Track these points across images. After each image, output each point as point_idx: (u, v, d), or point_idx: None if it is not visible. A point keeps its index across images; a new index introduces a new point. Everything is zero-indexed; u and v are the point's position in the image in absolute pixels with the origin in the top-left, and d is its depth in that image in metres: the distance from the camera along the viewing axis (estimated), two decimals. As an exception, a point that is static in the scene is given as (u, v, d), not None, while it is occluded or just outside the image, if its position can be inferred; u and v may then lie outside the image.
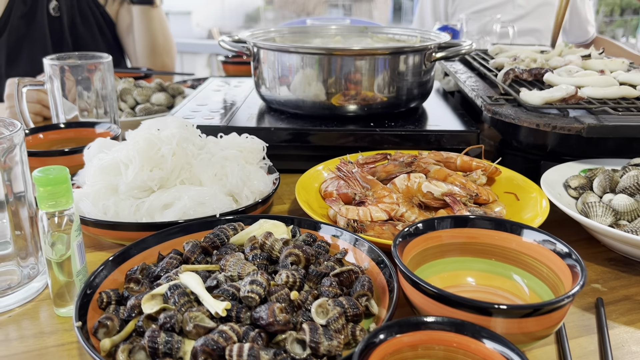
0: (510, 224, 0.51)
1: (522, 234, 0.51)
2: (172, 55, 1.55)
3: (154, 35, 1.48)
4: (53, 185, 0.48)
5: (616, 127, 0.70)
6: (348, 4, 19.48)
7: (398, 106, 0.89)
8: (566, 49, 1.13)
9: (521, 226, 0.51)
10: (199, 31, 19.02)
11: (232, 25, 19.75)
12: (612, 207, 0.62)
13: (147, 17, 1.46)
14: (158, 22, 1.48)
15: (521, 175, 0.73)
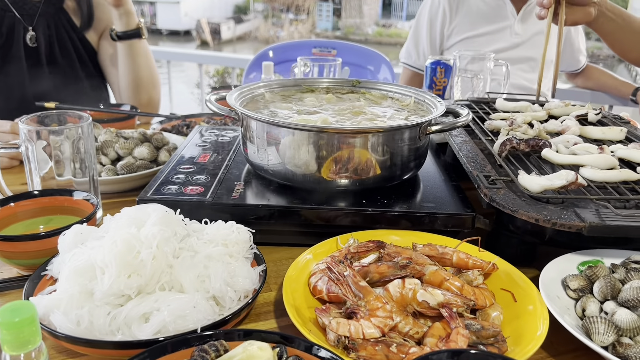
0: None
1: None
2: (157, 88, 1.50)
3: (140, 70, 1.42)
4: (19, 329, 0.44)
5: (619, 227, 0.67)
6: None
7: (392, 179, 0.86)
8: (567, 108, 1.11)
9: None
10: (187, 21, 19.10)
11: (221, 15, 19.82)
12: (614, 322, 0.60)
13: (133, 51, 1.40)
14: (144, 57, 1.43)
15: (519, 272, 0.70)
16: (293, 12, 23.85)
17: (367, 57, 2.09)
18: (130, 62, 1.41)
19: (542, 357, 0.62)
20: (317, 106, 0.94)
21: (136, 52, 1.41)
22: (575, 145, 0.88)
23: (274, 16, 24.35)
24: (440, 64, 1.57)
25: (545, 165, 0.85)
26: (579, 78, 2.26)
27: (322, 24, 23.17)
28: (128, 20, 1.39)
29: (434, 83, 1.60)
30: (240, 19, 23.40)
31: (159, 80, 1.50)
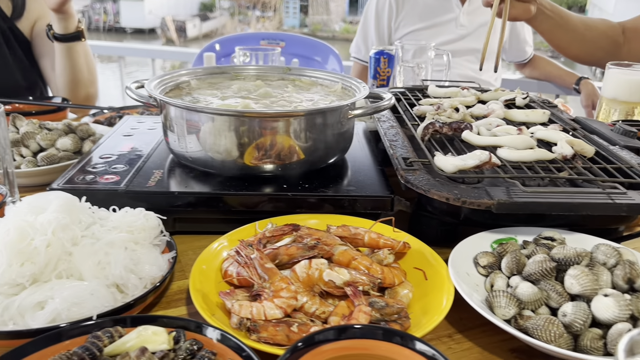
0: (399, 335, 0.48)
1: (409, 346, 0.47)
2: (95, 84, 1.46)
3: (79, 69, 1.39)
4: None
5: (525, 203, 0.68)
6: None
7: (316, 164, 0.85)
8: (496, 93, 1.13)
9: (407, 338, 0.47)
10: (152, 19, 18.68)
11: (186, 13, 19.49)
12: (516, 296, 0.61)
13: (72, 53, 1.37)
14: (83, 57, 1.39)
15: (431, 250, 0.71)
16: (259, 9, 23.70)
17: (315, 48, 2.09)
18: (69, 62, 1.37)
19: (451, 333, 0.63)
20: (243, 92, 0.93)
21: (75, 54, 1.38)
22: (497, 128, 0.90)
23: (241, 13, 24.15)
24: (384, 54, 1.58)
25: (467, 147, 0.86)
26: (527, 68, 2.30)
27: (289, 21, 23.09)
28: (67, 24, 1.35)
29: (378, 73, 1.60)
30: (206, 17, 23.13)
31: (97, 77, 1.47)
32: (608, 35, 1.32)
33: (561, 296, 0.60)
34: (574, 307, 0.58)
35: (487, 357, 0.59)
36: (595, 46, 1.34)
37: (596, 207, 0.69)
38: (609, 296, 0.57)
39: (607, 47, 1.34)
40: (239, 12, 23.99)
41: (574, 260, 0.63)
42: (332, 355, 0.47)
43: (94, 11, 21.40)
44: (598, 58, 1.38)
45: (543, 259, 0.63)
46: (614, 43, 1.34)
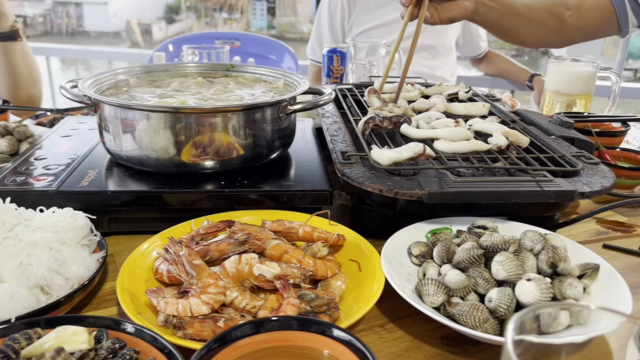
0: (317, 324, 0.48)
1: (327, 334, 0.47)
2: (38, 85, 1.43)
3: (17, 70, 1.35)
4: None
5: (456, 193, 0.69)
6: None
7: (256, 160, 0.85)
8: (440, 87, 1.14)
9: (324, 326, 0.47)
10: (116, 22, 18.13)
11: (152, 16, 19.02)
12: (444, 283, 0.62)
13: (9, 53, 1.33)
14: (21, 57, 1.36)
15: (366, 242, 0.72)
16: (226, 11, 23.52)
17: (270, 47, 2.09)
18: (5, 62, 1.34)
19: (383, 323, 0.63)
20: (183, 90, 0.92)
21: (12, 54, 1.35)
22: (436, 121, 0.91)
23: (207, 15, 23.93)
24: (336, 52, 1.59)
25: (407, 141, 0.87)
26: (482, 64, 2.34)
27: (256, 23, 22.98)
28: (0, 23, 1.31)
29: (332, 71, 1.61)
30: (172, 19, 22.84)
31: (39, 77, 1.44)
32: (552, 12, 1.28)
33: (488, 282, 0.61)
34: (499, 293, 0.59)
35: (418, 345, 0.60)
36: (541, 27, 1.28)
37: (524, 194, 0.70)
38: (531, 280, 0.58)
39: (553, 24, 1.29)
40: (206, 14, 23.77)
41: (501, 247, 0.64)
42: (249, 350, 0.46)
43: (56, 15, 20.91)
44: (547, 39, 1.34)
45: (471, 247, 0.64)
46: (559, 20, 1.29)
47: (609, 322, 0.42)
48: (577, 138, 0.93)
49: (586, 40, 1.39)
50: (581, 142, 0.92)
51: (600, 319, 0.43)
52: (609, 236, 0.85)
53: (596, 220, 0.90)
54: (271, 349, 0.47)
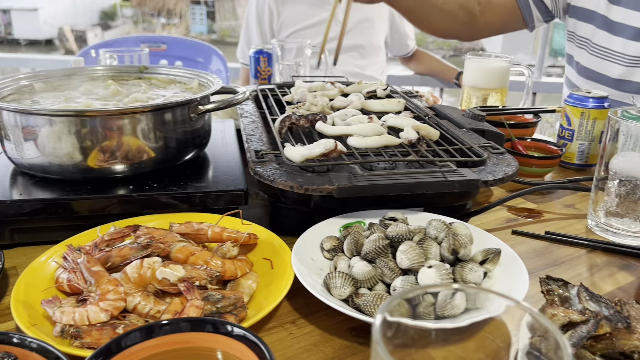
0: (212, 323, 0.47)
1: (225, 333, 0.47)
2: None
3: None
4: None
5: (364, 187, 0.71)
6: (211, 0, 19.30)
7: (167, 162, 0.83)
8: (359, 85, 1.15)
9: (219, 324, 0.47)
10: (48, 29, 17.47)
11: (86, 22, 18.49)
12: (352, 275, 0.62)
13: None
14: None
15: (278, 239, 0.71)
16: (165, 16, 23.05)
17: (198, 50, 2.06)
18: None
19: (294, 319, 0.63)
20: (92, 93, 0.89)
21: None
22: (351, 117, 0.92)
23: (145, 21, 23.37)
24: (263, 53, 1.58)
25: (322, 138, 0.88)
26: (412, 63, 2.40)
27: (196, 28, 22.62)
28: None
29: (259, 72, 1.60)
30: (108, 25, 22.16)
31: None
32: (464, 6, 1.34)
33: (393, 271, 0.62)
34: (402, 281, 0.60)
35: (327, 338, 0.60)
36: (453, 19, 1.35)
37: (430, 185, 0.72)
38: (432, 267, 0.60)
39: (465, 18, 1.35)
40: (143, 19, 23.21)
41: (407, 237, 0.65)
42: (142, 356, 0.45)
43: (-20, 23, 19.82)
44: (457, 31, 1.40)
45: (377, 238, 0.65)
46: (470, 14, 1.35)
47: (498, 305, 0.43)
48: (487, 130, 0.96)
49: (494, 34, 1.46)
50: (491, 133, 0.96)
51: (492, 302, 0.45)
52: (519, 222, 0.88)
53: (507, 208, 0.93)
54: (165, 353, 0.46)
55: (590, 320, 0.55)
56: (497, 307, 0.43)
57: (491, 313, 0.43)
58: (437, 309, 0.57)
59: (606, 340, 0.54)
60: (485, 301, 0.51)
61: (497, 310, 0.43)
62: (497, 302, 0.42)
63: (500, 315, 0.42)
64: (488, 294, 0.43)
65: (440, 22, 1.36)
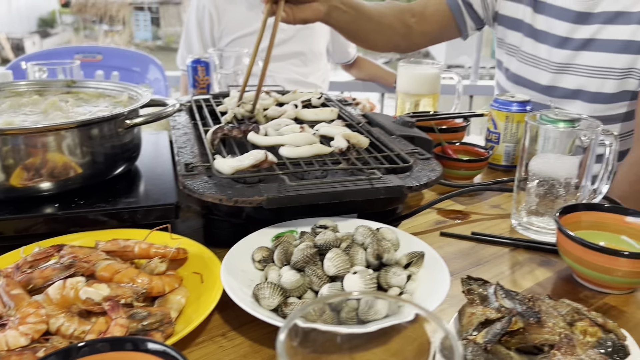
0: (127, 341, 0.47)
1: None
2: None
3: None
4: None
5: (293, 197, 0.72)
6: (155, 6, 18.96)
7: (95, 178, 0.82)
8: (294, 95, 1.17)
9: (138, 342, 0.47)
10: (-19, 38, 15.80)
11: (23, 30, 17.73)
12: (281, 285, 0.63)
13: None
14: None
15: (209, 252, 0.72)
16: (107, 23, 22.43)
17: (135, 59, 2.03)
18: None
19: (225, 332, 0.64)
20: (15, 109, 0.86)
21: None
22: (284, 127, 0.93)
23: (86, 28, 22.67)
24: (200, 62, 1.57)
25: (256, 149, 0.88)
26: (353, 69, 2.44)
27: (140, 34, 22.13)
28: None
29: (197, 82, 1.59)
30: (47, 33, 21.36)
31: None
32: (399, 18, 1.36)
33: (321, 279, 0.64)
34: (329, 288, 0.62)
35: (257, 349, 0.61)
36: (391, 32, 1.35)
37: (357, 192, 0.74)
38: (357, 273, 0.62)
39: (401, 30, 1.37)
40: (84, 27, 22.51)
41: (334, 244, 0.67)
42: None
43: None
44: (395, 44, 1.42)
45: (305, 246, 0.66)
46: (406, 26, 1.37)
47: (408, 312, 0.45)
48: (416, 136, 0.99)
49: (431, 44, 1.50)
50: (420, 139, 0.99)
51: (406, 308, 0.46)
52: (447, 224, 0.92)
53: (437, 211, 0.97)
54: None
55: (505, 317, 0.58)
56: (408, 313, 0.45)
57: (404, 318, 0.44)
58: (360, 314, 0.59)
59: (520, 335, 0.58)
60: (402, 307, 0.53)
61: (409, 316, 0.45)
62: (409, 308, 0.44)
63: (411, 321, 0.44)
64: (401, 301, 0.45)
65: (378, 37, 1.37)
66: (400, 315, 0.44)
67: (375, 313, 0.55)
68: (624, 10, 1.23)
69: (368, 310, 0.54)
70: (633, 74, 1.24)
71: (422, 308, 0.40)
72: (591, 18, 1.26)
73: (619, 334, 0.59)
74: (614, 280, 0.70)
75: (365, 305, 0.54)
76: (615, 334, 0.58)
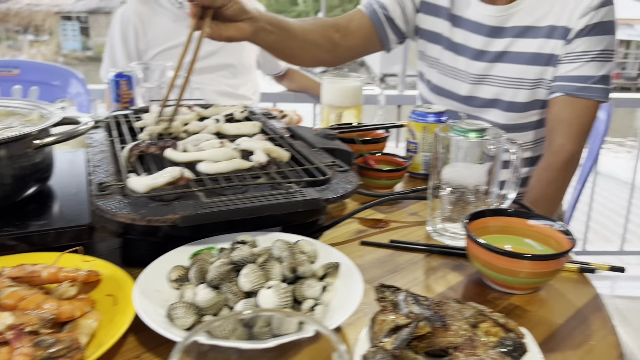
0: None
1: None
2: None
3: None
4: None
5: (209, 213, 0.72)
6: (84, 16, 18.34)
7: (4, 200, 0.79)
8: (217, 109, 1.17)
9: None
10: None
11: None
12: (195, 304, 0.63)
13: None
14: None
15: (123, 273, 0.70)
16: (32, 32, 21.42)
17: (54, 73, 1.96)
18: None
19: (139, 354, 0.62)
20: None
21: None
22: (204, 143, 0.93)
23: (10, 38, 21.56)
24: (123, 76, 1.53)
25: (173, 165, 0.88)
26: (285, 81, 2.45)
27: (69, 44, 21.27)
28: None
29: (120, 96, 1.55)
30: (-35, 43, 20.15)
31: None
32: (324, 35, 1.38)
33: (236, 296, 0.64)
34: (244, 304, 0.62)
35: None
36: (316, 48, 1.38)
37: (275, 207, 0.75)
38: (271, 288, 0.62)
39: (326, 46, 1.39)
40: (7, 37, 21.39)
41: (250, 260, 0.67)
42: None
43: None
44: (321, 59, 1.44)
45: (221, 263, 0.66)
46: (332, 42, 1.39)
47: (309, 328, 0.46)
48: (337, 148, 1.02)
49: (356, 57, 1.55)
50: (341, 151, 1.02)
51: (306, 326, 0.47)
52: (368, 233, 0.95)
53: (359, 220, 0.99)
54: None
55: (412, 323, 0.60)
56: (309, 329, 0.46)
57: (304, 334, 0.46)
58: (274, 328, 0.59)
59: (427, 340, 0.60)
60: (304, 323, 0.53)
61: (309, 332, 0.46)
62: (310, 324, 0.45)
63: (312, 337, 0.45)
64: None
65: (304, 54, 1.39)
66: (303, 331, 0.45)
67: (288, 327, 0.55)
68: (532, 25, 1.31)
69: (281, 325, 0.54)
70: (542, 84, 1.33)
71: (320, 324, 0.41)
72: (503, 32, 1.34)
73: (519, 332, 0.62)
74: (518, 282, 0.75)
75: (278, 320, 0.54)
76: (515, 333, 0.62)
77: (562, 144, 1.30)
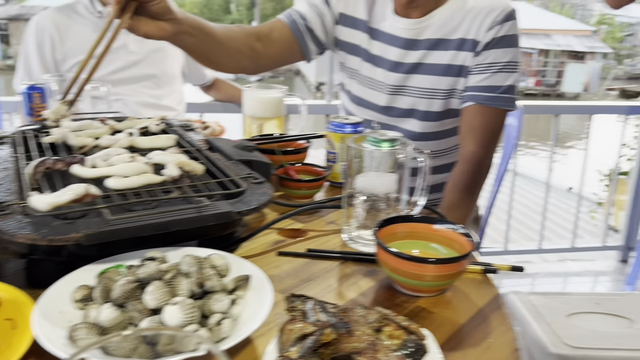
0: None
1: None
2: None
3: None
4: None
5: (114, 231, 0.71)
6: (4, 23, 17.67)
7: None
8: (131, 122, 1.14)
9: None
10: None
11: None
12: (98, 323, 0.62)
13: None
14: None
15: (23, 295, 0.68)
16: (-55, 39, 20.03)
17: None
18: None
19: (40, 379, 0.60)
20: None
21: None
22: (114, 157, 0.91)
23: None
24: (35, 89, 1.47)
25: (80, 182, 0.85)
26: (212, 91, 2.43)
27: (-13, 53, 20.05)
28: None
29: (33, 109, 1.49)
30: None
31: None
32: (246, 43, 1.39)
33: (141, 313, 0.63)
34: (148, 322, 0.61)
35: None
36: (238, 56, 1.38)
37: (185, 222, 0.75)
38: (177, 304, 0.62)
39: (248, 53, 1.40)
40: None
41: (156, 276, 0.67)
42: None
43: None
44: (243, 66, 1.44)
45: (126, 282, 0.65)
46: (253, 50, 1.40)
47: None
48: (255, 160, 1.03)
49: (278, 66, 1.56)
50: (258, 163, 1.03)
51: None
52: (285, 243, 0.96)
53: (278, 231, 1.00)
54: None
55: (317, 331, 0.62)
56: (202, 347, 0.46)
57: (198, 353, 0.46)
58: (177, 346, 0.59)
59: (333, 346, 0.62)
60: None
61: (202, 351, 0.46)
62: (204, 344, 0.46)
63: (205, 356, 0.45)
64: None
65: (226, 60, 1.38)
66: (197, 350, 0.46)
67: (188, 346, 0.55)
68: (444, 37, 1.38)
69: (182, 343, 0.54)
70: (455, 94, 1.40)
71: (210, 343, 0.42)
72: (418, 44, 1.40)
73: (420, 334, 0.65)
74: (424, 285, 0.78)
75: (183, 336, 0.54)
76: (416, 335, 0.65)
77: (474, 151, 1.38)
